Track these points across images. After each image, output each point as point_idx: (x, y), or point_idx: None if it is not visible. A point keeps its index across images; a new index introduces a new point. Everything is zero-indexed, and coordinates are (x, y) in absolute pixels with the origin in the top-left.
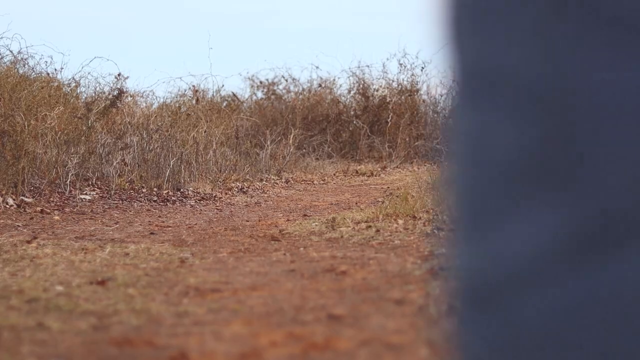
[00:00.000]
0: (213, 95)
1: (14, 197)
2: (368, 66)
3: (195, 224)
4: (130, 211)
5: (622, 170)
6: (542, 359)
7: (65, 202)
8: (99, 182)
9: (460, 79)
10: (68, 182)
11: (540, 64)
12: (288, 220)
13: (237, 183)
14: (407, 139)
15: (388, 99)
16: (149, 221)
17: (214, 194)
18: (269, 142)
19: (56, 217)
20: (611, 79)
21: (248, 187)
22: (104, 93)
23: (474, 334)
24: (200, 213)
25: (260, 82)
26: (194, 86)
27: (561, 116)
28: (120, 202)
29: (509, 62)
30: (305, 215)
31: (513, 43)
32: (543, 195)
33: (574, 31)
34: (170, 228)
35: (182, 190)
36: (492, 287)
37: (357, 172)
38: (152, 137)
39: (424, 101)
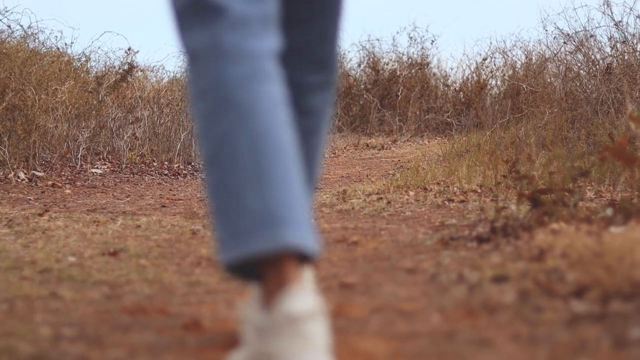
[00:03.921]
0: None
1: (25, 171)
2: (378, 40)
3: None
4: (141, 184)
5: None
6: None
7: (77, 176)
8: (109, 156)
9: None
10: (79, 156)
11: None
12: None
13: None
14: (418, 113)
15: (398, 73)
16: (160, 194)
17: None
18: None
19: (67, 191)
20: None
21: None
22: (114, 67)
23: None
24: None
25: None
26: None
27: None
28: (131, 175)
29: None
30: (316, 187)
31: None
32: None
33: None
34: (181, 201)
35: (192, 163)
36: None
37: (367, 145)
38: (162, 111)
39: (434, 74)
